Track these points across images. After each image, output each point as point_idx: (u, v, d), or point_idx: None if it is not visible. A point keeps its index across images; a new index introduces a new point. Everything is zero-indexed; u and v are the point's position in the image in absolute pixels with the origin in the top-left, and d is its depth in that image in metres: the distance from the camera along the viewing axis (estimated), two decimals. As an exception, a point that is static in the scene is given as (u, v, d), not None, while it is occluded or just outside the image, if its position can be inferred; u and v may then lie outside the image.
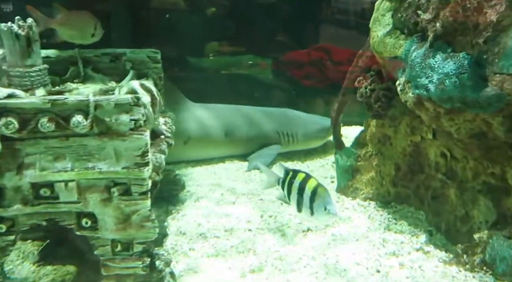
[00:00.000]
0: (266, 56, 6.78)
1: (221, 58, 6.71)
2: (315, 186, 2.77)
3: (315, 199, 2.75)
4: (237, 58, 6.73)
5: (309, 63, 6.66)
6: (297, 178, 2.90)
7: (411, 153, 3.59)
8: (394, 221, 3.55)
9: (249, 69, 6.78)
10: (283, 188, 3.04)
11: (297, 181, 2.88)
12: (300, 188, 2.85)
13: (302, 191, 2.83)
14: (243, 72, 6.78)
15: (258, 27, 6.59)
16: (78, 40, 3.39)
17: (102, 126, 2.60)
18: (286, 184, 3.00)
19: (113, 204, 2.67)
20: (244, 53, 6.72)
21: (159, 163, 2.95)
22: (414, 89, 2.94)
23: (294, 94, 6.68)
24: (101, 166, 2.62)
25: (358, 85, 3.81)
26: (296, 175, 2.93)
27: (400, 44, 3.18)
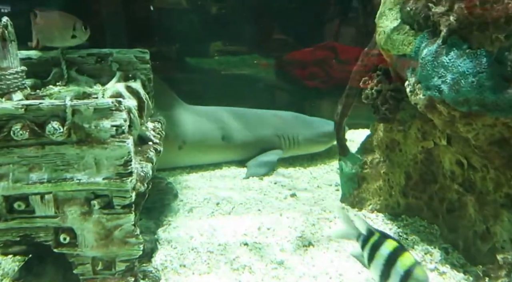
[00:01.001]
0: (269, 55, 6.56)
1: (223, 58, 6.51)
2: (411, 265, 2.26)
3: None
4: (240, 58, 6.53)
5: (313, 63, 6.42)
6: (385, 244, 2.44)
7: (422, 160, 3.31)
8: (405, 236, 3.25)
9: (252, 69, 6.58)
10: (363, 248, 2.63)
11: (386, 249, 2.41)
12: (389, 259, 2.37)
13: (391, 265, 2.33)
14: (245, 73, 6.57)
15: (261, 26, 6.43)
16: (58, 43, 3.14)
17: (80, 133, 2.38)
18: (368, 246, 2.56)
19: (94, 218, 2.44)
20: (248, 53, 6.52)
21: (145, 172, 2.68)
22: (425, 90, 2.68)
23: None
24: (80, 177, 2.39)
25: (364, 86, 3.55)
26: (383, 240, 2.48)
27: (409, 40, 2.91)
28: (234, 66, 6.50)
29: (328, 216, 3.59)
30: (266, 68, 6.61)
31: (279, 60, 6.54)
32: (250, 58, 6.52)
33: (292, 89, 6.66)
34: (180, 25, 6.13)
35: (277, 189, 4.39)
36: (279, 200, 4.11)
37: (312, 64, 6.44)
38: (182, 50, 6.27)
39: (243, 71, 6.55)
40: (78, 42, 3.18)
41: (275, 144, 5.15)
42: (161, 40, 6.15)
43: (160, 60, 5.94)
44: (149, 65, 3.38)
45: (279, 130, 5.18)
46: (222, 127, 4.99)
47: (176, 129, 4.77)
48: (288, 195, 4.21)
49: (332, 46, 6.33)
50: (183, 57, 6.36)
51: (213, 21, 6.27)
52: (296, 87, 6.58)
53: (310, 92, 6.43)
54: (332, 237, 3.23)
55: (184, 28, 6.15)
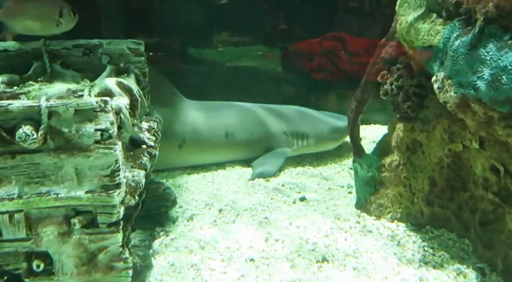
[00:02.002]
0: (274, 46, 6.24)
1: (227, 48, 6.23)
2: None
3: None
4: (244, 49, 6.25)
5: (321, 54, 6.07)
6: None
7: (449, 164, 2.94)
8: (431, 252, 2.88)
9: (256, 61, 6.28)
10: None
11: None
12: None
13: None
14: (250, 65, 6.26)
15: (266, 15, 6.17)
16: (38, 32, 2.78)
17: (59, 139, 2.04)
18: None
19: (74, 239, 2.10)
20: (252, 44, 6.23)
21: (136, 182, 2.35)
22: (457, 87, 2.35)
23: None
24: (58, 191, 2.05)
25: (382, 81, 3.20)
26: None
27: (436, 30, 2.58)
28: (237, 58, 6.24)
29: (343, 226, 3.24)
30: (272, 59, 6.25)
31: (285, 51, 6.24)
32: (254, 49, 6.26)
33: (299, 81, 6.35)
34: (182, 15, 5.93)
35: (285, 192, 4.05)
36: (288, 204, 3.77)
37: (319, 55, 6.10)
38: (185, 41, 6.02)
39: (247, 63, 6.28)
40: (64, 30, 2.82)
41: (282, 141, 4.80)
42: (163, 30, 5.89)
43: (162, 51, 5.80)
44: (143, 58, 3.05)
45: (286, 127, 4.85)
46: (225, 124, 4.66)
47: (176, 126, 4.46)
48: (297, 199, 3.87)
49: (340, 37, 5.97)
50: (185, 48, 6.12)
51: (217, 11, 6.00)
52: (303, 79, 6.27)
53: (317, 84, 6.12)
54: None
55: (187, 19, 5.93)
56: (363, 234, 3.11)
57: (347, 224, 3.27)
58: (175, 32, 5.93)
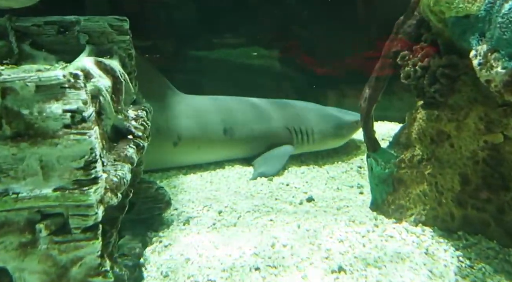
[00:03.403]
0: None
1: (223, 51, 6.07)
2: None
3: None
4: (240, 51, 6.06)
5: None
6: None
7: (486, 159, 2.53)
8: (468, 263, 2.44)
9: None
10: None
11: None
12: None
13: None
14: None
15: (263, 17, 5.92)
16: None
17: (17, 123, 1.61)
18: None
19: (40, 250, 1.68)
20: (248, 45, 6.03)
21: (119, 176, 1.94)
22: (508, 61, 1.95)
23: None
24: (19, 189, 1.62)
25: (403, 63, 2.80)
26: None
27: (475, -6, 2.18)
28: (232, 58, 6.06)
29: (359, 230, 2.83)
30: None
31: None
32: (250, 50, 6.08)
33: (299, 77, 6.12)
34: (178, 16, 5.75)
35: (290, 192, 3.68)
36: (294, 205, 3.39)
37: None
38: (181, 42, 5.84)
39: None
40: (32, 2, 2.40)
41: (285, 138, 4.48)
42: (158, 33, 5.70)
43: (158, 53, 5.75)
44: (129, 37, 2.65)
45: (290, 122, 4.54)
46: (224, 119, 4.35)
47: (170, 122, 4.16)
48: (304, 200, 3.52)
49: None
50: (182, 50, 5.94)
51: (213, 12, 5.71)
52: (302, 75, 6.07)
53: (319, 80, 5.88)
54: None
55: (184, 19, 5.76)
56: (383, 240, 2.70)
57: (364, 227, 2.86)
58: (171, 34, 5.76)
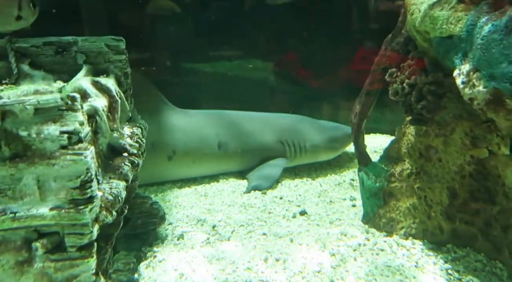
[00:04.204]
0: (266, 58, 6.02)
1: (219, 63, 6.00)
2: None
3: None
4: (236, 63, 6.00)
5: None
6: None
7: (472, 173, 2.60)
8: (456, 276, 2.51)
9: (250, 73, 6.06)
10: None
11: None
12: None
13: None
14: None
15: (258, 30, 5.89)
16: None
17: (16, 145, 1.67)
18: None
19: (36, 269, 1.74)
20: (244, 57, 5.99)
21: (114, 195, 1.99)
22: (488, 80, 2.05)
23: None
24: (16, 209, 1.68)
25: (391, 80, 2.87)
26: None
27: (457, 17, 2.27)
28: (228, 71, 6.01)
29: (351, 243, 2.88)
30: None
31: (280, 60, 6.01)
32: (246, 63, 6.04)
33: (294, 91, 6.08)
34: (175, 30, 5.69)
35: (283, 205, 3.71)
36: (287, 219, 3.43)
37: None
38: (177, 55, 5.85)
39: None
40: (25, 25, 2.46)
41: (279, 151, 4.49)
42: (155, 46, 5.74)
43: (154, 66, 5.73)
44: (125, 56, 2.71)
45: (283, 136, 4.54)
46: (218, 133, 4.36)
47: (165, 136, 4.16)
48: (297, 213, 3.54)
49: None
50: (178, 63, 5.92)
51: (209, 26, 5.75)
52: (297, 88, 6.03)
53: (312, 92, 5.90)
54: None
55: (179, 33, 5.71)
56: (375, 253, 2.76)
57: (356, 241, 2.92)
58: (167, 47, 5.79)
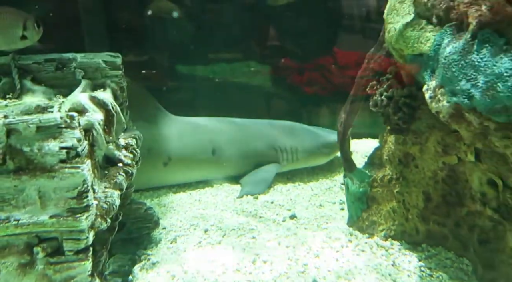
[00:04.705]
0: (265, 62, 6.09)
1: (217, 65, 6.05)
2: None
3: None
4: (234, 66, 6.08)
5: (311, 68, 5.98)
6: None
7: (444, 178, 2.80)
8: (428, 272, 2.71)
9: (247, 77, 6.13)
10: None
11: None
12: None
13: None
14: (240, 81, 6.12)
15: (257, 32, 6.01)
16: (2, 47, 2.60)
17: (19, 159, 1.86)
18: None
19: (37, 270, 1.93)
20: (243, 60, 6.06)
21: (109, 203, 2.18)
22: (450, 96, 2.21)
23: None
24: (19, 216, 1.87)
25: (371, 92, 3.05)
26: None
27: (426, 37, 2.44)
28: (227, 74, 6.08)
29: (335, 245, 3.07)
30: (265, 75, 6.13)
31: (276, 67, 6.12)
32: (245, 66, 6.10)
33: (290, 97, 6.22)
34: (173, 32, 5.80)
35: (274, 210, 3.89)
36: (277, 223, 3.61)
37: (310, 69, 5.99)
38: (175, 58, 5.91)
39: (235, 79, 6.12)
40: (29, 44, 2.65)
41: (271, 157, 4.65)
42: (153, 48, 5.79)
43: (153, 68, 5.77)
44: (121, 71, 2.90)
45: (276, 142, 4.70)
46: (212, 140, 4.51)
47: (161, 143, 4.32)
48: (287, 217, 3.71)
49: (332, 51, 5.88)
50: (176, 65, 6.00)
51: (207, 28, 5.84)
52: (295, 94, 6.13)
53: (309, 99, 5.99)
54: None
55: (178, 36, 5.80)
56: (355, 254, 2.94)
57: (339, 243, 3.11)
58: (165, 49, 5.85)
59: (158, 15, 5.60)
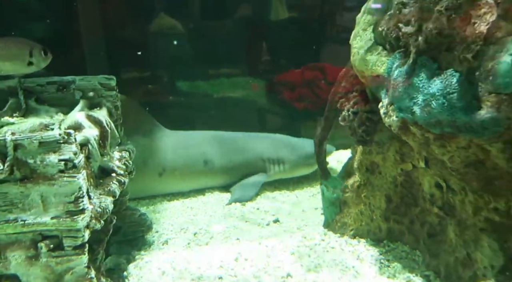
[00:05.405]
0: (262, 77, 6.41)
1: (217, 80, 6.34)
2: None
3: None
4: (233, 80, 6.38)
5: (302, 84, 6.25)
6: None
7: (402, 182, 3.15)
8: (386, 264, 3.08)
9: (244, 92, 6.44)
10: None
11: None
12: None
13: None
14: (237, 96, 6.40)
15: (255, 47, 6.34)
16: (10, 72, 2.98)
17: (25, 169, 2.23)
18: None
19: (41, 262, 2.28)
20: (241, 75, 6.39)
21: (103, 207, 2.53)
22: (398, 112, 2.55)
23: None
24: (25, 217, 2.23)
25: (341, 108, 3.40)
26: None
27: (382, 61, 2.79)
28: (227, 89, 6.36)
29: (309, 244, 3.41)
30: (257, 90, 6.45)
31: (270, 82, 6.41)
32: (243, 81, 6.40)
33: (282, 111, 6.51)
34: (173, 48, 6.05)
35: (259, 215, 4.23)
36: (261, 226, 3.95)
37: (300, 85, 6.28)
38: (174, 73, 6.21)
39: (235, 94, 6.40)
40: (36, 69, 3.01)
41: (259, 167, 4.98)
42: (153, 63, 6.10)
43: (153, 83, 6.05)
44: (115, 92, 3.24)
45: (263, 153, 5.01)
46: (204, 152, 4.83)
47: (156, 155, 4.64)
48: (271, 221, 4.05)
49: (321, 67, 6.16)
50: (175, 81, 6.28)
51: (205, 44, 6.14)
52: (286, 109, 6.41)
53: (299, 114, 6.27)
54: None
55: (177, 52, 6.07)
56: (326, 250, 3.29)
57: (313, 242, 3.44)
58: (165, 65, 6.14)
59: (160, 32, 5.87)
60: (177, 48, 5.97)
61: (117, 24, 5.68)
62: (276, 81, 6.37)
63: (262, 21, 6.21)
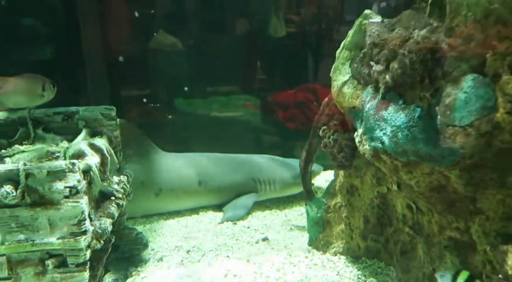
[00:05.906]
0: (258, 96, 6.67)
1: (214, 98, 6.60)
2: None
3: None
4: (230, 99, 6.63)
5: (294, 105, 6.49)
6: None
7: (379, 204, 3.44)
8: (363, 279, 3.36)
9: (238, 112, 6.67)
10: None
11: None
12: None
13: None
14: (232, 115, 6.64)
15: (251, 66, 6.56)
16: (26, 104, 3.28)
17: (34, 195, 2.51)
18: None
19: (48, 277, 2.56)
20: (238, 93, 6.64)
21: (102, 229, 2.80)
22: (370, 141, 2.82)
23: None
24: (35, 238, 2.50)
25: (323, 135, 3.68)
26: None
27: (357, 94, 3.07)
28: (223, 107, 6.58)
29: (293, 260, 3.67)
30: (252, 109, 6.70)
31: (264, 101, 6.66)
32: (239, 99, 6.63)
33: (275, 131, 6.74)
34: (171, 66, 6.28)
35: (249, 233, 4.47)
36: (251, 244, 4.20)
37: (293, 106, 6.51)
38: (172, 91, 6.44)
39: (229, 113, 6.63)
40: (46, 101, 3.31)
41: (251, 187, 5.23)
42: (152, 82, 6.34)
43: (153, 102, 6.29)
44: (115, 121, 3.51)
45: (254, 174, 5.26)
46: (198, 173, 5.08)
47: (153, 176, 4.88)
48: (259, 239, 4.29)
49: (313, 89, 6.41)
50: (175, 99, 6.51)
51: (202, 63, 6.37)
52: (279, 129, 6.66)
53: (292, 134, 6.51)
54: None
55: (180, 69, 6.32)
56: (309, 267, 3.55)
57: (297, 259, 3.71)
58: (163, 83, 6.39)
59: (159, 49, 6.13)
60: (176, 65, 6.25)
61: (116, 42, 5.94)
62: (270, 100, 6.63)
63: (261, 39, 6.44)
